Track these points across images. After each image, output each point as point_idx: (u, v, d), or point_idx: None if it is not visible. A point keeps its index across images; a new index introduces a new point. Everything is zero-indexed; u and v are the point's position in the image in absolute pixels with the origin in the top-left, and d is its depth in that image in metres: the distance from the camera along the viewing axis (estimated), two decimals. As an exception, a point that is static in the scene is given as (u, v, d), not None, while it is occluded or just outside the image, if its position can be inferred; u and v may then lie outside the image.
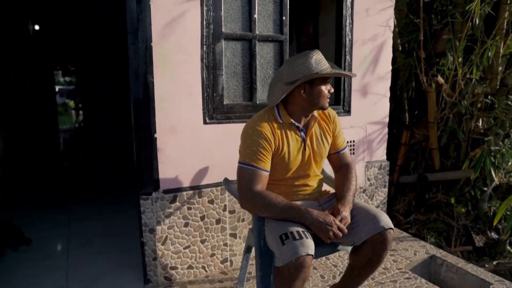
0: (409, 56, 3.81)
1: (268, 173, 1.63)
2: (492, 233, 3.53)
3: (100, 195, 4.12)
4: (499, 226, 3.55)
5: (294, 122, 1.67)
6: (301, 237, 1.44)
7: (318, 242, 1.52)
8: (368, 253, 1.61)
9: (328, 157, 1.86)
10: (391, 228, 1.58)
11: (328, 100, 1.64)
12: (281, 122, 1.66)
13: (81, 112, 8.35)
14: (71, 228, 3.14)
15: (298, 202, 1.67)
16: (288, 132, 1.67)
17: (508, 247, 3.40)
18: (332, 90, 1.64)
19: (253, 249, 2.26)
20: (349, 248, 1.77)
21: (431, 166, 3.84)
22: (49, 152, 4.71)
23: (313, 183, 1.79)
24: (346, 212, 1.57)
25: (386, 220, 1.58)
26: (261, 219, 1.63)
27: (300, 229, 1.49)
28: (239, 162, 1.63)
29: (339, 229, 1.51)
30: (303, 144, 1.70)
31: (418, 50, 3.64)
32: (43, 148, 4.60)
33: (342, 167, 1.84)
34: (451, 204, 3.63)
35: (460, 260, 2.54)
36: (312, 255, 1.43)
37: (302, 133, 1.70)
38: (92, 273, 2.38)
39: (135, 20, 1.93)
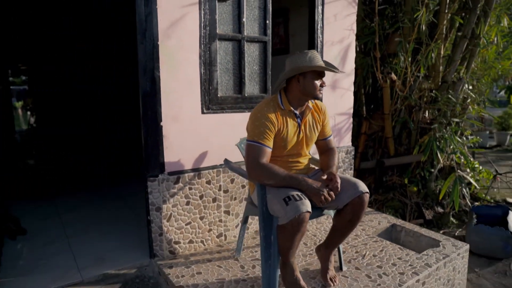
0: (366, 56, 4.32)
1: (271, 150, 1.97)
2: (438, 208, 4.13)
3: (80, 188, 4.24)
4: (444, 202, 4.16)
5: (292, 109, 2.03)
6: (301, 199, 1.80)
7: (311, 205, 1.89)
8: (349, 214, 1.99)
9: (316, 142, 2.23)
10: (367, 192, 1.98)
11: (321, 92, 2.01)
12: (283, 108, 2.01)
13: (32, 113, 7.98)
14: (62, 219, 3.27)
15: (293, 174, 2.03)
16: (288, 118, 2.02)
17: (452, 219, 4.01)
18: (325, 85, 2.02)
19: (249, 220, 2.60)
20: (332, 212, 2.15)
21: (386, 153, 4.38)
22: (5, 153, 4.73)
23: (303, 160, 2.16)
24: (337, 178, 1.94)
25: (363, 186, 1.98)
26: (263, 188, 1.97)
27: (299, 193, 1.84)
28: (248, 140, 1.95)
29: (329, 194, 1.88)
30: (298, 128, 2.07)
31: (374, 50, 4.15)
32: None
33: (327, 151, 2.22)
34: (405, 185, 4.19)
35: (415, 226, 3.04)
36: (310, 212, 1.79)
37: (298, 120, 2.06)
38: (98, 252, 2.58)
39: (143, 21, 2.19)
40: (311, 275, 2.23)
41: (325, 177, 1.96)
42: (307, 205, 1.79)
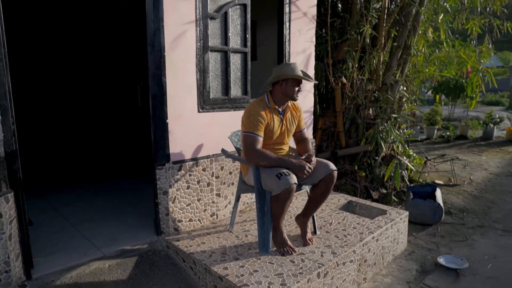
0: (320, 62, 5.02)
1: (262, 139, 2.53)
2: (383, 189, 4.94)
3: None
4: (387, 184, 4.98)
5: (277, 107, 2.61)
6: (289, 174, 2.39)
7: (297, 178, 2.48)
8: (322, 187, 2.62)
9: (294, 134, 2.83)
10: (336, 170, 2.62)
11: (297, 95, 2.61)
12: (270, 106, 2.58)
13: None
14: (59, 212, 3.56)
15: (279, 158, 2.62)
16: (273, 114, 2.60)
17: (393, 197, 4.83)
18: (301, 90, 2.62)
19: (241, 198, 3.12)
20: (308, 188, 2.77)
21: (339, 145, 5.12)
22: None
23: (285, 148, 2.76)
24: (313, 157, 2.56)
25: (332, 166, 2.62)
26: (257, 169, 2.52)
27: (287, 170, 2.43)
28: (244, 132, 2.50)
29: (310, 169, 2.49)
30: (281, 123, 2.65)
31: (327, 57, 4.87)
32: None
33: (302, 140, 2.83)
34: (355, 171, 4.95)
35: (367, 201, 3.77)
36: (297, 184, 2.38)
37: (281, 116, 2.65)
38: (109, 235, 2.97)
39: (152, 36, 2.64)
40: (293, 239, 2.82)
41: (303, 157, 2.56)
42: (294, 179, 2.38)
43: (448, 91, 10.16)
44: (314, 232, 2.94)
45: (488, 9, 5.77)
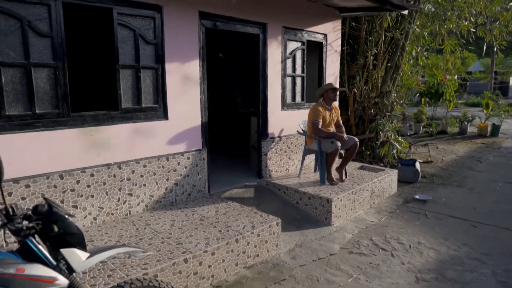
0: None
1: (321, 123, 4.91)
2: (381, 164, 7.34)
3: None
4: (384, 160, 7.39)
5: (327, 107, 4.99)
6: (336, 142, 4.77)
7: (340, 144, 4.89)
8: (351, 150, 5.03)
9: (335, 123, 5.20)
10: (358, 141, 5.01)
11: (335, 100, 4.99)
12: (323, 106, 4.96)
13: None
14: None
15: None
16: (326, 111, 4.99)
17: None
18: (337, 97, 5.00)
19: (306, 156, 5.48)
20: (343, 151, 5.16)
21: (351, 133, 7.50)
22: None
23: (331, 129, 5.17)
24: (344, 134, 4.95)
25: (356, 139, 5.02)
26: (319, 140, 4.89)
27: (334, 140, 4.80)
28: (312, 120, 4.87)
29: (344, 138, 4.87)
30: (330, 115, 5.03)
31: (343, 74, 7.25)
32: None
33: (339, 126, 5.21)
34: (362, 151, 7.35)
35: (373, 165, 6.15)
36: (340, 147, 4.77)
37: (329, 112, 5.03)
38: (227, 181, 5.29)
39: (263, 68, 5.00)
40: (335, 178, 5.20)
41: (342, 134, 4.96)
42: (339, 144, 4.76)
43: (431, 95, 12.62)
44: (345, 176, 5.31)
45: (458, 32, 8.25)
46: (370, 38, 7.25)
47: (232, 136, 7.03)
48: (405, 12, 6.26)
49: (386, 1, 5.25)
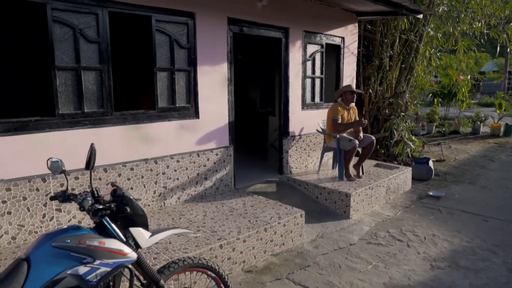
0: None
1: (340, 120, 5.19)
2: (395, 162, 7.58)
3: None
4: (398, 158, 7.63)
5: (346, 106, 5.27)
6: (354, 140, 5.04)
7: (358, 142, 5.16)
8: (368, 148, 5.30)
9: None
10: (375, 139, 5.28)
11: (353, 101, 5.27)
12: (342, 106, 5.24)
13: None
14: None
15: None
16: (344, 110, 5.27)
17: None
18: (354, 99, 5.28)
19: (325, 154, 5.77)
20: (360, 149, 5.42)
21: (367, 133, 7.74)
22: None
23: (349, 127, 5.44)
24: (361, 132, 5.23)
25: (373, 137, 5.29)
26: (338, 138, 5.17)
27: (353, 138, 5.08)
28: (332, 117, 5.16)
29: (363, 122, 5.15)
30: (348, 114, 5.31)
31: (359, 76, 7.50)
32: None
33: None
34: (377, 150, 7.59)
35: (388, 163, 6.40)
36: (357, 145, 5.04)
37: (347, 111, 5.31)
38: (250, 177, 5.59)
39: (285, 71, 5.29)
40: (353, 175, 5.47)
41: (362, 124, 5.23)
42: (356, 142, 5.04)
43: (443, 95, 12.77)
44: (362, 173, 5.58)
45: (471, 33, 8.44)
46: (386, 40, 7.49)
47: (251, 135, 7.38)
48: (420, 16, 6.49)
49: (401, 6, 5.50)
